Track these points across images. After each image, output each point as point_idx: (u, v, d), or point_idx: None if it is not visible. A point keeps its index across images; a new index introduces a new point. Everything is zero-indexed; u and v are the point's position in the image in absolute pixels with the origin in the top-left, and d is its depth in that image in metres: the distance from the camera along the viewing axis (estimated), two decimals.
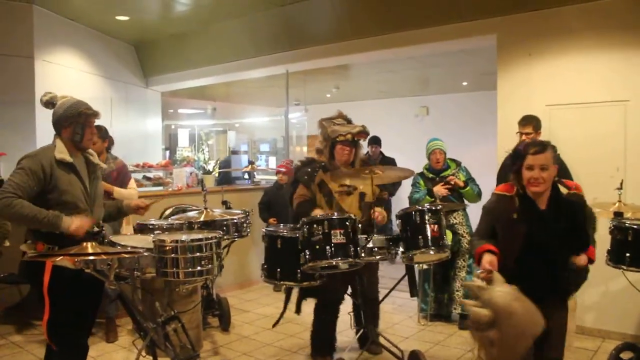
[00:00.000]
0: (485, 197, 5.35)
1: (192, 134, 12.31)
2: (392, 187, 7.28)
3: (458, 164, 5.56)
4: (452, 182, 5.32)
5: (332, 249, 3.51)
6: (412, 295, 4.42)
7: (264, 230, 3.94)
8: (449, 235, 5.23)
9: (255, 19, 7.16)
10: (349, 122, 4.27)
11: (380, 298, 4.51)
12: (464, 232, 5.38)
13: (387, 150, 8.87)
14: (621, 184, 4.15)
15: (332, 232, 3.51)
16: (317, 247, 3.51)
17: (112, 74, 8.18)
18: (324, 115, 4.42)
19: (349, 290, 4.36)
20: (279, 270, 3.72)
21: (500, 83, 5.61)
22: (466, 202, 5.48)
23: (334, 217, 3.62)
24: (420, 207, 3.76)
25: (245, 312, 5.99)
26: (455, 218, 5.39)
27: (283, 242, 3.72)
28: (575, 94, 5.17)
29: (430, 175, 5.49)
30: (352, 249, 3.55)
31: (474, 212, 5.49)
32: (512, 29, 5.48)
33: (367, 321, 4.17)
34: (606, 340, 4.85)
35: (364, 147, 4.88)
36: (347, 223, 3.58)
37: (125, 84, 8.56)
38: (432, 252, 3.68)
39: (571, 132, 5.17)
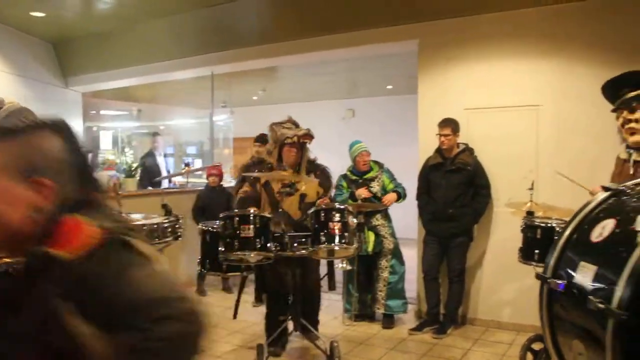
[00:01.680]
0: (410, 197, 5.54)
1: (115, 137, 11.95)
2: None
3: (381, 165, 5.65)
4: (385, 203, 5.42)
5: (239, 242, 3.85)
6: (330, 289, 4.66)
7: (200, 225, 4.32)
8: (371, 237, 5.36)
9: (180, 20, 7.06)
10: (297, 126, 4.52)
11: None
12: (386, 233, 5.48)
13: (315, 153, 8.88)
14: (532, 184, 4.36)
15: (240, 227, 3.85)
16: (228, 240, 3.87)
17: (27, 73, 7.80)
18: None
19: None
20: (208, 262, 4.20)
21: (421, 87, 5.78)
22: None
23: (242, 213, 3.96)
24: (325, 206, 4.04)
25: None
26: (377, 220, 5.47)
27: (210, 236, 4.17)
28: (492, 98, 5.41)
29: (354, 177, 5.57)
30: (258, 243, 3.85)
31: (397, 213, 5.66)
32: (432, 35, 5.65)
33: (298, 314, 4.38)
34: (520, 333, 5.04)
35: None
36: (254, 219, 3.90)
37: (43, 84, 8.18)
38: (337, 248, 3.98)
39: (488, 135, 5.40)
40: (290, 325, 4.55)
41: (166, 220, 4.15)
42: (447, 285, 5.34)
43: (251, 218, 3.91)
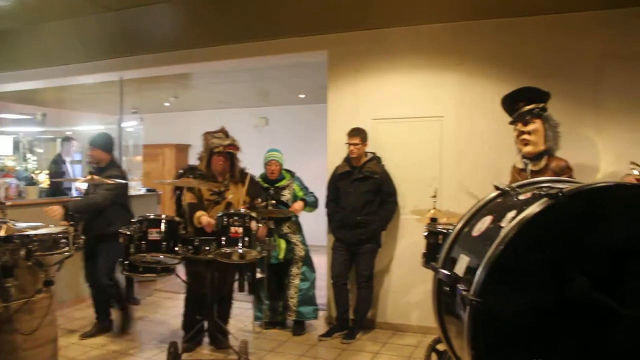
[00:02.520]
0: (321, 205, 5.62)
1: (17, 142, 11.33)
2: None
3: (292, 174, 5.70)
4: (293, 211, 5.47)
5: (147, 244, 4.00)
6: (240, 291, 4.68)
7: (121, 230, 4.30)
8: (282, 244, 5.39)
9: (86, 22, 6.80)
10: (227, 136, 4.71)
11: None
12: (297, 240, 5.53)
13: None
14: (435, 192, 4.55)
15: (148, 230, 4.01)
16: (137, 242, 4.02)
17: None
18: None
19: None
20: (126, 263, 4.23)
21: (331, 97, 5.90)
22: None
23: (150, 217, 4.11)
24: (227, 211, 4.20)
25: (73, 333, 5.50)
26: (288, 227, 5.52)
27: (127, 239, 4.18)
28: (398, 109, 5.60)
29: (265, 185, 5.60)
30: (165, 246, 4.02)
31: (308, 220, 5.72)
32: (341, 47, 5.78)
33: (211, 315, 4.51)
34: (427, 335, 5.21)
35: None
36: (162, 223, 4.06)
37: None
38: (240, 251, 4.14)
39: (395, 144, 5.58)
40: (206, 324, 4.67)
41: (59, 231, 3.92)
42: (356, 291, 5.46)
43: (159, 222, 4.06)
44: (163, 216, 4.14)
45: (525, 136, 4.31)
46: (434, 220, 4.41)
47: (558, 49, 5.02)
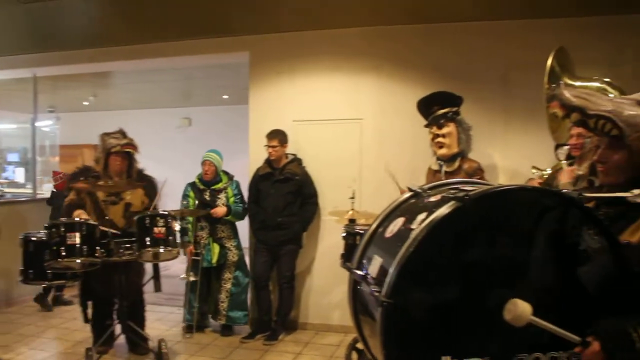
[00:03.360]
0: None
1: None
2: None
3: (230, 177, 5.64)
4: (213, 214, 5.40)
5: (66, 249, 3.92)
6: (156, 290, 4.83)
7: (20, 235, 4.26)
8: (215, 248, 5.36)
9: None
10: (125, 137, 4.68)
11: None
12: (231, 245, 5.50)
13: (150, 162, 8.59)
14: (353, 193, 4.63)
15: (67, 234, 3.93)
16: (55, 248, 3.91)
17: None
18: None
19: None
20: (31, 272, 4.15)
21: (252, 98, 5.89)
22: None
23: (69, 221, 4.05)
24: (150, 213, 4.28)
25: None
26: (223, 232, 5.48)
27: (34, 246, 4.16)
28: (319, 111, 5.66)
29: (202, 187, 5.53)
30: (85, 249, 3.96)
31: (243, 226, 5.68)
32: (263, 48, 5.79)
33: (125, 317, 4.50)
34: (348, 334, 5.24)
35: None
36: (82, 227, 4.01)
37: None
38: (162, 251, 4.22)
39: (315, 146, 5.64)
40: (118, 328, 4.64)
41: None
42: (278, 292, 5.47)
43: (78, 226, 4.01)
44: (82, 219, 4.10)
45: (440, 139, 4.48)
46: (352, 221, 4.49)
47: (471, 55, 5.22)
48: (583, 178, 3.09)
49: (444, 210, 1.61)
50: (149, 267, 4.91)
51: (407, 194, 2.13)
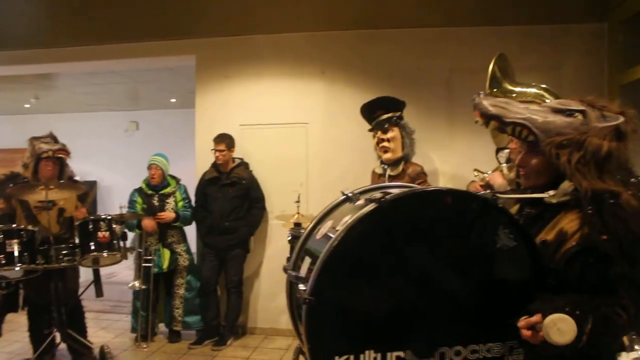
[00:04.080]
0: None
1: None
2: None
3: (178, 181, 5.58)
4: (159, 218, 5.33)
5: (5, 257, 3.87)
6: (97, 296, 4.70)
7: None
8: (166, 254, 5.29)
9: None
10: (56, 141, 4.59)
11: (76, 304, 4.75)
12: (181, 250, 5.44)
13: (96, 166, 8.48)
14: (299, 197, 4.66)
15: (6, 242, 3.89)
16: None
17: None
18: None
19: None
20: None
21: (199, 102, 5.85)
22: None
23: (7, 228, 3.98)
24: (94, 217, 4.31)
25: None
26: (173, 236, 5.41)
27: None
28: (266, 115, 5.67)
29: (150, 192, 5.44)
30: (25, 257, 3.92)
31: (191, 230, 5.62)
32: (210, 51, 5.76)
33: (63, 325, 4.36)
34: (296, 338, 5.25)
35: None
36: (21, 233, 3.97)
37: None
38: (105, 254, 4.22)
39: (262, 151, 5.65)
40: (58, 337, 4.54)
41: None
42: (226, 297, 5.45)
43: (17, 233, 3.95)
44: (20, 226, 4.05)
45: (385, 143, 4.55)
46: (298, 225, 4.51)
47: (415, 61, 5.33)
48: (512, 181, 3.24)
49: (363, 212, 1.67)
50: (87, 272, 4.76)
51: (340, 198, 2.19)
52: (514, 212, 1.90)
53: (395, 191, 1.89)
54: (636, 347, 2.47)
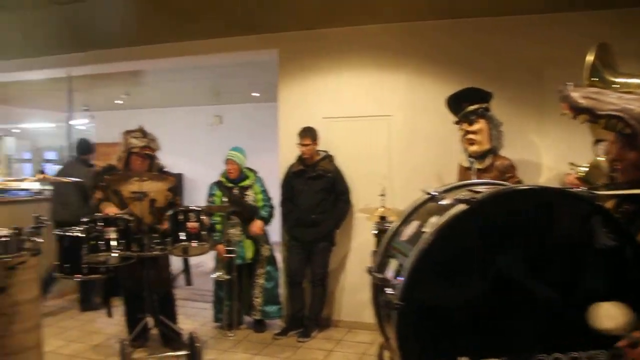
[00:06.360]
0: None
1: None
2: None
3: (255, 174, 5.65)
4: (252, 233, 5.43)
5: (104, 244, 4.02)
6: (187, 284, 5.03)
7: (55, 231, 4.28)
8: (249, 245, 5.41)
9: (30, 15, 6.56)
10: (145, 135, 4.79)
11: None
12: (262, 241, 5.52)
13: (181, 159, 8.69)
14: (383, 190, 4.59)
15: (104, 229, 4.04)
16: (93, 242, 4.00)
17: None
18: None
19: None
20: (67, 266, 4.15)
21: (281, 96, 5.90)
22: None
23: (106, 216, 4.18)
24: (183, 208, 4.41)
25: None
26: None
27: (70, 241, 4.16)
28: (348, 108, 5.63)
29: (229, 185, 5.54)
30: (122, 244, 4.09)
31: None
32: (292, 45, 5.79)
33: (156, 311, 4.55)
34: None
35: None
36: (119, 223, 4.13)
37: None
38: (194, 244, 4.29)
39: (346, 143, 5.61)
40: (151, 321, 4.68)
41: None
42: (311, 290, 5.48)
43: (114, 221, 4.13)
44: (118, 215, 4.24)
45: (471, 136, 4.42)
46: (382, 218, 4.46)
47: (502, 51, 5.14)
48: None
49: (452, 212, 1.60)
50: (177, 261, 4.95)
51: (424, 197, 2.12)
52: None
53: (482, 189, 1.81)
54: None
